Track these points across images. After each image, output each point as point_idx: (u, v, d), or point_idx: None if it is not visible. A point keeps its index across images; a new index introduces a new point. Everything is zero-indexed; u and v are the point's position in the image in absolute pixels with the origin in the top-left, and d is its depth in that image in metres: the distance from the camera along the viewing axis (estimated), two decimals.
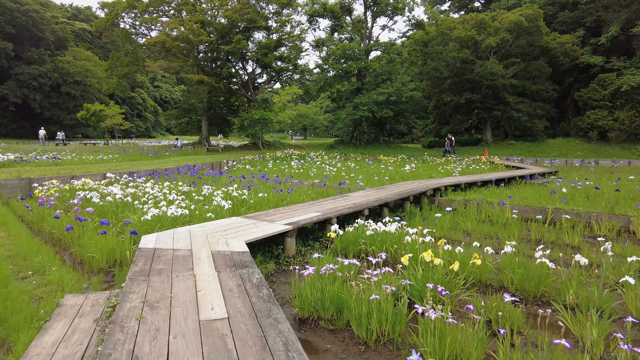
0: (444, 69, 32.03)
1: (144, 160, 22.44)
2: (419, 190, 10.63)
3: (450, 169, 17.32)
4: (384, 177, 14.82)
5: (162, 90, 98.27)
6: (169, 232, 5.91)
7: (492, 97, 34.00)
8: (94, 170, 14.22)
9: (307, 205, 8.28)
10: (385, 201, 8.77)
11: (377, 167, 18.92)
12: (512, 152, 32.82)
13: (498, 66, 30.52)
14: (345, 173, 15.93)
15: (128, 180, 12.20)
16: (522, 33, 31.43)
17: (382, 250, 6.02)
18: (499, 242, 7.69)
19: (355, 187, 11.69)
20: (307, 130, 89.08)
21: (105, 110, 40.02)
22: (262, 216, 7.09)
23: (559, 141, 35.22)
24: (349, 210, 7.61)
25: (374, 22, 35.95)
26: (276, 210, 7.69)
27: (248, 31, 32.15)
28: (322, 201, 8.86)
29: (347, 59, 34.06)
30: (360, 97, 31.94)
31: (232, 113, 38.58)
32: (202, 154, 28.45)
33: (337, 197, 9.44)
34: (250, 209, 8.35)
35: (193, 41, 29.44)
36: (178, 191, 10.15)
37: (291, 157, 25.74)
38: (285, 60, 34.56)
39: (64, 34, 69.50)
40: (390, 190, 10.66)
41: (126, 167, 16.03)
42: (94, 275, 5.67)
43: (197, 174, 14.25)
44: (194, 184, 11.47)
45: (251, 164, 21.02)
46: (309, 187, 11.76)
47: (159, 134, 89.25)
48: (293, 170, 17.16)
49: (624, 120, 32.47)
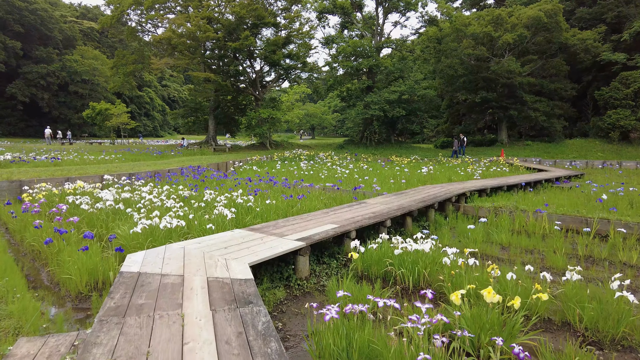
0: (459, 67, 30.84)
1: (148, 160, 21.64)
2: (443, 196, 9.62)
3: (471, 171, 16.26)
4: (400, 180, 13.81)
5: (170, 90, 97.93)
6: (159, 249, 4.98)
7: (507, 95, 32.74)
8: (92, 171, 13.40)
9: (320, 215, 7.32)
10: (408, 209, 7.78)
11: (391, 168, 17.91)
12: (528, 153, 31.56)
13: (515, 64, 29.27)
14: (358, 175, 14.94)
15: (126, 182, 11.34)
16: (540, 29, 30.14)
17: (413, 272, 5.04)
18: (542, 258, 6.67)
19: (371, 192, 10.71)
20: (315, 129, 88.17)
21: (111, 109, 39.39)
22: (270, 228, 6.14)
23: (578, 142, 33.86)
24: (368, 221, 6.64)
25: (386, 19, 34.89)
26: (286, 221, 6.74)
27: (256, 28, 31.27)
28: (337, 209, 7.90)
29: (358, 57, 33.04)
30: (372, 96, 30.89)
31: (240, 112, 37.74)
32: (208, 154, 27.63)
33: (353, 204, 8.46)
34: (257, 218, 7.41)
35: (199, 38, 28.62)
36: (178, 196, 9.25)
37: (300, 158, 24.81)
38: (294, 58, 33.62)
39: (72, 33, 69.31)
40: (411, 196, 9.66)
41: (127, 168, 15.21)
42: (70, 301, 4.77)
43: (200, 176, 13.36)
44: (195, 187, 10.57)
45: (258, 165, 20.12)
46: (320, 191, 10.80)
47: (166, 133, 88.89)
48: (302, 172, 16.22)
49: None
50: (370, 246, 5.47)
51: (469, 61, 31.54)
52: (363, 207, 8.08)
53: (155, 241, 5.72)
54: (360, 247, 5.43)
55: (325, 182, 13.89)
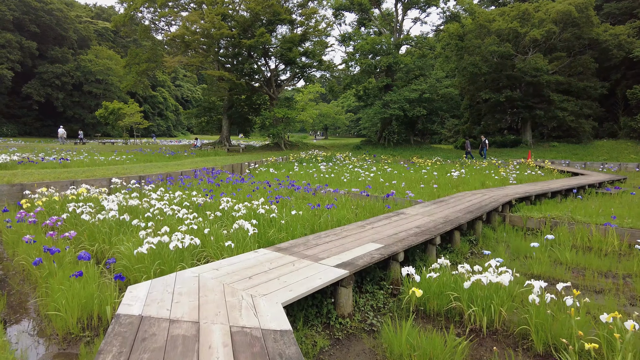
0: (482, 64, 29.47)
1: (160, 161, 20.85)
2: (490, 205, 8.49)
3: (505, 175, 15.04)
4: (431, 185, 12.69)
5: (184, 90, 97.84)
6: (168, 278, 3.99)
7: (533, 95, 31.27)
8: (100, 174, 12.55)
9: (356, 229, 6.27)
10: (457, 223, 6.68)
11: (416, 171, 16.77)
12: (555, 155, 30.02)
13: (543, 61, 27.81)
14: (384, 179, 13.85)
15: (135, 187, 10.44)
16: (569, 25, 28.63)
17: (488, 311, 3.96)
18: (628, 284, 5.50)
19: (403, 199, 9.62)
20: (328, 130, 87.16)
21: (123, 108, 38.89)
22: (301, 248, 5.11)
23: (608, 143, 32.19)
24: (416, 239, 5.57)
25: (405, 15, 33.69)
26: (317, 237, 5.70)
27: (271, 24, 30.35)
28: (374, 222, 6.84)
29: (376, 54, 31.89)
30: (391, 95, 29.71)
31: (254, 112, 36.88)
32: (222, 155, 26.79)
33: (390, 214, 7.39)
34: (281, 231, 6.39)
35: (214, 35, 27.80)
36: (191, 203, 8.29)
37: (317, 159, 23.78)
38: (310, 56, 32.61)
39: (86, 33, 69.48)
40: (453, 205, 8.55)
41: (137, 170, 14.35)
42: (57, 343, 3.80)
43: (215, 179, 12.41)
44: (210, 193, 9.61)
45: (275, 167, 19.16)
46: (347, 197, 9.75)
47: (180, 133, 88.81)
48: (322, 175, 15.18)
49: None
50: (429, 275, 4.40)
51: (492, 58, 30.17)
52: (403, 219, 7.00)
53: (164, 263, 4.73)
54: (414, 273, 4.37)
55: (350, 186, 12.83)
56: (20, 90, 56.76)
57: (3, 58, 53.11)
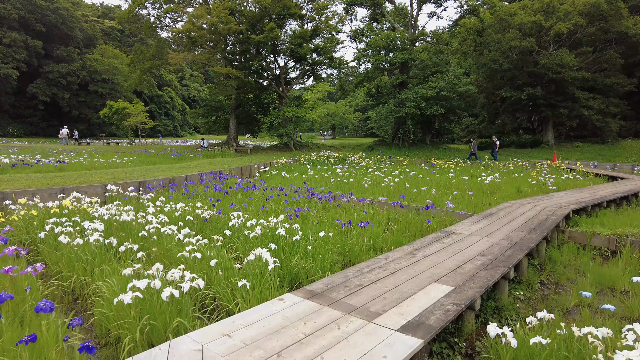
0: (503, 60, 27.89)
1: (165, 163, 19.64)
2: (549, 220, 7.09)
3: (544, 181, 13.59)
4: (465, 191, 11.29)
5: (190, 89, 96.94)
6: (156, 353, 2.67)
7: (555, 92, 29.63)
8: (96, 179, 11.31)
9: (404, 257, 4.91)
10: (527, 248, 5.31)
11: (442, 175, 15.36)
12: (580, 156, 28.40)
13: (569, 56, 26.19)
14: (410, 184, 12.47)
15: (132, 196, 9.17)
16: (596, 17, 26.98)
17: None
18: None
19: (442, 210, 8.24)
20: (335, 129, 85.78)
21: (128, 107, 37.80)
22: (341, 292, 3.76)
23: (636, 143, 30.47)
24: (489, 275, 4.21)
25: (420, 10, 32.20)
26: (359, 273, 4.35)
27: (281, 19, 29.04)
28: (423, 246, 5.47)
29: (390, 50, 30.44)
30: (406, 92, 28.25)
31: (262, 111, 35.59)
32: (229, 156, 25.55)
33: (440, 235, 6.01)
34: (307, 259, 5.06)
35: (221, 30, 26.55)
36: (195, 217, 6.99)
37: (329, 161, 22.43)
38: (321, 53, 31.24)
39: (92, 32, 68.73)
40: (508, 220, 7.16)
41: (138, 174, 13.11)
42: None
43: (223, 186, 11.12)
44: (218, 205, 8.30)
45: (286, 170, 17.85)
46: (375, 208, 8.40)
47: (186, 133, 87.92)
48: (340, 180, 13.84)
49: None
50: (534, 341, 3.04)
51: (512, 54, 28.60)
52: (457, 241, 5.64)
53: (155, 318, 3.43)
54: (508, 335, 3.03)
55: (372, 193, 11.48)
56: (25, 90, 56.06)
57: (8, 57, 52.40)
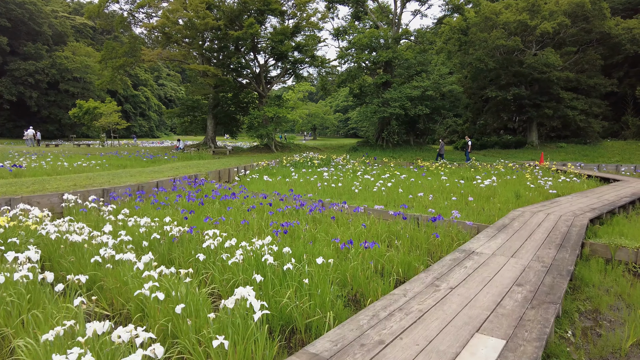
0: (489, 60, 27.43)
1: (136, 166, 18.21)
2: (574, 232, 6.24)
3: (543, 183, 12.88)
4: (464, 197, 10.44)
5: (167, 89, 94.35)
6: None
7: (540, 92, 29.37)
8: (53, 186, 9.97)
9: (426, 290, 3.91)
10: (566, 271, 4.40)
11: (435, 178, 14.52)
12: (564, 157, 28.20)
13: (555, 56, 25.89)
14: (404, 189, 11.55)
15: (92, 207, 7.91)
16: (580, 18, 26.81)
17: None
18: None
19: (448, 220, 7.29)
20: (316, 130, 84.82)
21: (100, 107, 35.86)
22: (356, 353, 2.72)
23: (618, 143, 30.53)
24: (540, 317, 3.25)
25: (404, 8, 31.50)
26: (375, 319, 3.30)
27: (261, 15, 27.82)
28: (444, 272, 4.48)
29: (373, 49, 29.60)
30: (391, 92, 27.45)
31: (241, 111, 34.23)
32: (207, 158, 24.21)
33: (458, 257, 5.03)
34: (303, 295, 4.00)
35: (197, 26, 25.18)
36: (162, 235, 5.84)
37: (313, 163, 21.37)
38: (302, 51, 30.16)
39: (63, 29, 65.78)
40: (527, 234, 6.27)
41: (103, 180, 11.78)
42: None
43: (198, 193, 9.94)
44: (190, 218, 7.14)
45: (268, 173, 16.71)
46: (371, 218, 7.41)
47: (163, 134, 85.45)
48: (327, 185, 12.81)
49: None
50: None
51: (498, 54, 28.21)
52: (481, 264, 4.68)
53: None
54: None
55: (364, 199, 10.51)
56: None
57: None
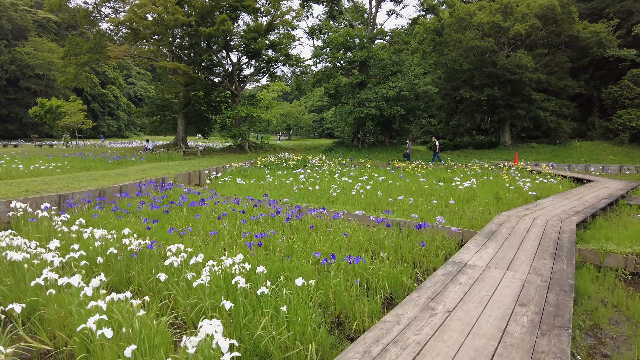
0: (463, 60, 27.54)
1: (100, 169, 17.17)
2: (565, 238, 5.94)
3: (522, 185, 12.76)
4: (445, 200, 10.13)
5: (137, 87, 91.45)
6: None
7: (512, 93, 29.76)
8: (1, 192, 9.03)
9: (422, 314, 3.44)
10: (568, 287, 4.03)
11: (413, 180, 14.21)
12: (536, 157, 28.70)
13: (527, 57, 26.23)
14: (383, 192, 11.15)
15: (43, 216, 7.11)
16: (550, 21, 27.29)
17: None
18: None
19: (433, 226, 6.89)
20: (291, 130, 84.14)
21: (64, 106, 34.08)
22: None
23: (586, 144, 31.32)
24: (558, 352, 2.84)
25: (379, 7, 31.31)
26: (366, 356, 2.82)
27: (234, 11, 27.01)
28: (438, 290, 4.03)
29: (348, 49, 29.25)
30: (366, 92, 27.16)
31: (213, 110, 33.25)
32: (177, 159, 23.24)
33: (450, 270, 4.58)
34: (280, 324, 3.46)
35: (167, 21, 24.16)
36: (120, 250, 5.16)
37: (288, 164, 20.78)
38: (277, 49, 29.51)
39: (23, 23, 62.63)
40: (518, 242, 5.92)
41: (61, 184, 10.87)
42: None
43: (164, 199, 9.22)
44: (153, 228, 6.47)
45: (242, 175, 16.04)
46: (352, 225, 6.94)
47: (132, 134, 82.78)
48: (304, 187, 12.28)
49: None
50: None
51: (472, 55, 28.39)
52: (476, 280, 4.26)
53: None
54: None
55: (343, 203, 10.05)
56: None
57: None
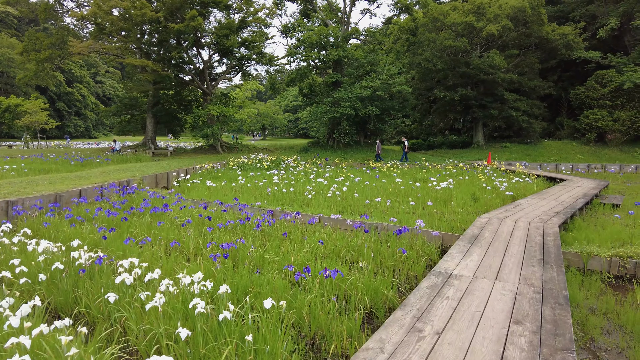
0: (437, 60, 27.63)
1: (61, 171, 16.13)
2: (550, 241, 5.69)
3: (499, 185, 12.66)
4: (422, 201, 9.86)
5: (106, 86, 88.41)
6: None
7: (485, 93, 30.11)
8: None
9: (408, 337, 3.02)
10: (564, 299, 3.72)
11: (389, 180, 13.93)
12: (509, 156, 29.13)
13: (500, 58, 26.53)
14: (359, 194, 10.79)
15: None
16: (520, 22, 27.73)
17: None
18: None
19: (413, 230, 6.55)
20: (266, 130, 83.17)
21: (23, 105, 32.31)
22: None
23: (556, 143, 32.05)
24: None
25: (353, 6, 31.08)
26: None
27: (205, 7, 26.19)
28: (424, 306, 3.63)
29: (323, 48, 28.88)
30: (341, 92, 26.86)
31: (184, 109, 32.21)
32: (145, 160, 22.26)
33: (435, 282, 4.20)
34: (247, 353, 2.99)
35: (134, 17, 23.14)
36: (67, 266, 4.56)
37: (262, 165, 20.19)
38: (249, 47, 28.82)
39: None
40: (503, 246, 5.63)
41: (13, 188, 10.00)
42: None
43: (126, 203, 8.54)
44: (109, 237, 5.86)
45: (212, 177, 15.38)
46: (328, 230, 6.52)
47: (101, 134, 79.93)
48: (278, 190, 11.78)
49: (624, 121, 29.68)
50: None
51: (446, 55, 28.54)
52: (465, 293, 3.90)
53: None
54: None
55: (318, 205, 9.63)
56: None
57: None
